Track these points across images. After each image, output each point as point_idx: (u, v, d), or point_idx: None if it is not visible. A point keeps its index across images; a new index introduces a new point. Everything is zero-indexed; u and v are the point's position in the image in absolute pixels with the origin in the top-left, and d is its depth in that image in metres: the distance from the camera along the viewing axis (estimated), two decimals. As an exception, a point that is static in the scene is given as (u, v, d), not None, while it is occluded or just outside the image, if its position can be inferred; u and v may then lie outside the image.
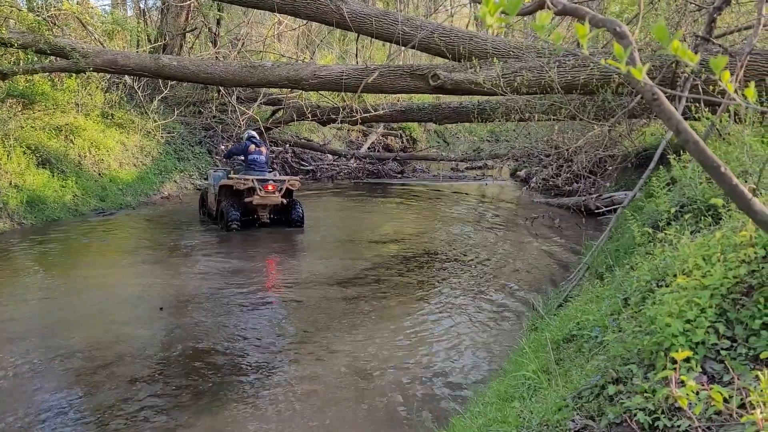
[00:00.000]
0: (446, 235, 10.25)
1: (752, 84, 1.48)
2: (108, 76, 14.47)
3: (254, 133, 10.84)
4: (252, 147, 10.41)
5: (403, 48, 10.46)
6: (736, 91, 1.51)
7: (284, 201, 10.30)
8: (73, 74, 12.95)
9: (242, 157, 10.53)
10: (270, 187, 10.08)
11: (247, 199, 10.07)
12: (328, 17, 10.10)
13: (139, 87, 15.33)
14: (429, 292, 7.15)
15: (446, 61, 9.82)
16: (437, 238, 9.99)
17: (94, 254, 8.93)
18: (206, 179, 11.98)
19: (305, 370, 4.99)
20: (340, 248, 9.38)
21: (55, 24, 13.52)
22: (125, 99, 15.28)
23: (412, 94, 14.76)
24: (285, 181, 10.36)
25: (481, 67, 8.58)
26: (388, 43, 13.30)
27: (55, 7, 13.85)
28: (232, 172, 10.59)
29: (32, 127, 12.28)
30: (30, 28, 11.77)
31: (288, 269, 8.27)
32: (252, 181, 9.95)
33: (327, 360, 5.18)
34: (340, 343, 5.54)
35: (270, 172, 10.76)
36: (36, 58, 11.92)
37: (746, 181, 3.92)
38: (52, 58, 11.97)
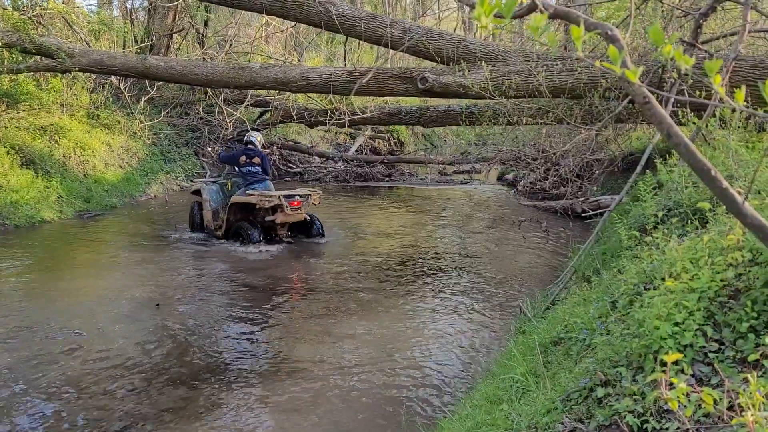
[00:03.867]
0: (433, 239, 10.27)
1: (743, 88, 1.49)
2: (94, 76, 14.34)
3: (254, 138, 9.70)
4: (243, 158, 9.43)
5: (391, 51, 10.47)
6: (722, 99, 1.52)
7: (308, 217, 9.46)
8: (59, 74, 12.82)
9: (235, 168, 9.71)
10: (296, 204, 9.14)
11: (269, 218, 9.11)
12: (316, 19, 10.09)
13: (126, 87, 15.22)
14: (415, 295, 7.15)
15: (434, 64, 9.84)
16: (424, 242, 10.00)
17: (78, 256, 8.84)
18: (196, 193, 10.24)
19: (291, 369, 4.97)
20: (328, 251, 9.34)
21: (40, 23, 13.38)
22: (111, 100, 15.15)
23: (400, 97, 14.78)
24: (310, 195, 9.40)
25: (469, 71, 8.61)
26: (376, 46, 13.32)
27: (40, 6, 13.71)
28: (230, 184, 9.74)
29: (16, 127, 12.14)
30: (15, 27, 11.64)
31: (277, 269, 8.23)
32: (278, 197, 8.91)
33: (312, 361, 5.16)
34: (326, 345, 5.53)
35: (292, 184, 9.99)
36: (21, 58, 11.79)
37: (732, 186, 3.95)
38: (37, 57, 11.85)
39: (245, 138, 9.77)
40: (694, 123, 5.22)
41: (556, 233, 9.99)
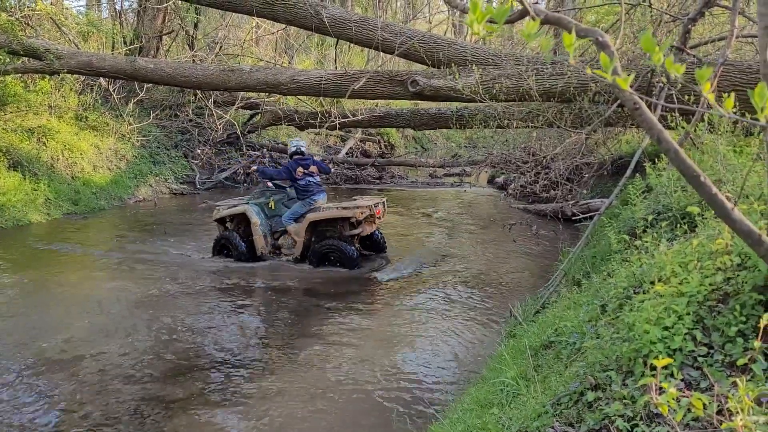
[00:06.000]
0: (423, 242, 10.26)
1: (732, 95, 1.50)
2: (82, 78, 14.25)
3: (303, 145, 8.62)
4: (300, 171, 8.36)
5: (382, 54, 10.45)
6: (710, 104, 1.53)
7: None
8: (47, 76, 12.74)
9: (288, 183, 8.71)
10: (378, 212, 8.39)
11: (352, 232, 8.27)
12: (307, 22, 10.07)
13: (114, 89, 15.13)
14: (405, 299, 7.14)
15: (425, 67, 9.85)
16: (414, 245, 9.99)
17: (65, 259, 8.76)
18: (222, 221, 8.99)
19: (281, 375, 4.96)
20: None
21: (28, 25, 13.28)
22: (100, 101, 15.06)
23: (391, 100, 14.78)
24: (384, 201, 8.71)
25: (460, 74, 8.63)
26: (367, 49, 13.33)
27: (28, 7, 13.61)
28: (272, 203, 8.69)
29: (3, 129, 12.05)
30: (2, 29, 11.54)
31: (265, 270, 8.20)
32: (368, 208, 8.15)
33: (302, 365, 5.15)
34: (316, 348, 5.52)
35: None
36: (8, 59, 11.69)
37: (720, 190, 3.98)
38: (25, 59, 11.77)
39: (293, 149, 8.57)
40: (683, 127, 5.25)
41: (547, 236, 10.02)
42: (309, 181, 8.44)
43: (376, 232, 8.90)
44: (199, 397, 4.59)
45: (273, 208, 8.74)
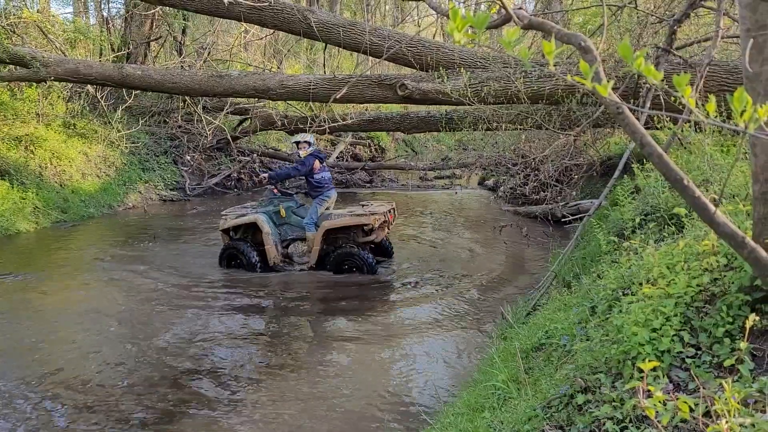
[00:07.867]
0: (414, 245, 10.26)
1: (713, 98, 1.51)
2: (70, 85, 14.17)
3: (311, 139, 8.43)
4: (317, 164, 8.17)
5: (371, 58, 10.44)
6: (696, 104, 1.54)
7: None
8: (34, 83, 12.66)
9: (303, 179, 8.53)
10: (392, 217, 8.32)
11: (366, 239, 8.12)
12: (295, 27, 10.06)
13: (102, 96, 15.04)
14: (397, 302, 7.14)
15: (414, 71, 9.87)
16: (405, 248, 9.98)
17: (55, 268, 8.69)
18: (227, 231, 8.62)
19: (277, 380, 4.94)
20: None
21: (14, 32, 13.20)
22: (88, 109, 14.98)
23: (380, 104, 14.79)
24: (394, 207, 8.55)
25: (448, 77, 8.65)
26: (356, 53, 13.32)
27: (14, 15, 13.53)
28: (282, 211, 8.36)
29: (-10, 137, 11.97)
30: (-12, 37, 11.49)
31: (266, 279, 8.17)
32: (383, 214, 7.99)
33: (294, 371, 5.14)
34: (307, 355, 5.51)
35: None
36: (-6, 67, 11.63)
37: (707, 190, 4.02)
38: (12, 66, 11.68)
39: (311, 147, 8.29)
40: (670, 128, 5.28)
41: (537, 238, 10.04)
42: (324, 176, 8.28)
43: (385, 240, 8.77)
44: (199, 401, 4.59)
45: (283, 215, 8.41)
